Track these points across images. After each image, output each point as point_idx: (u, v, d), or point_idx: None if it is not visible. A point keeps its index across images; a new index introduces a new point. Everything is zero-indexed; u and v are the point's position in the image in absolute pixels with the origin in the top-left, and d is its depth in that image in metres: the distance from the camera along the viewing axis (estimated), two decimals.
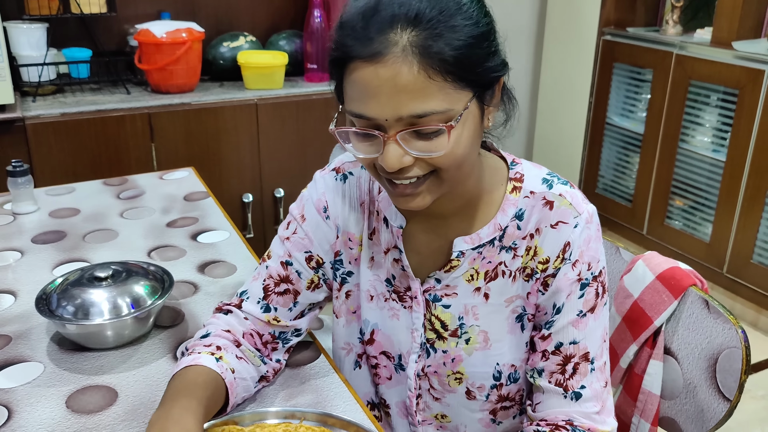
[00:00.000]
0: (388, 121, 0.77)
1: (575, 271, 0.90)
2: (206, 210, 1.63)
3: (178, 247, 1.43)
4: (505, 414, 1.00)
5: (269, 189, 2.60)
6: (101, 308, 1.06)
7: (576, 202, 0.91)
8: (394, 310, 1.00)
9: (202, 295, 1.25)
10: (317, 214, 1.01)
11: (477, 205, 0.93)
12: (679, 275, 1.00)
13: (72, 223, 1.56)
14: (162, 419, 0.80)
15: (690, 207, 2.98)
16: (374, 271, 1.00)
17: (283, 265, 1.02)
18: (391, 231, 0.97)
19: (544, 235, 0.91)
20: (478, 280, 0.94)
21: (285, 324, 1.03)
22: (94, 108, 2.31)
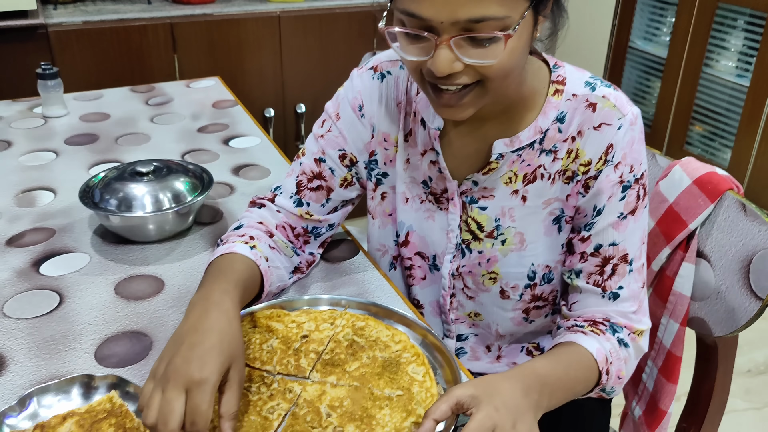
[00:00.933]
0: (443, 24, 0.74)
1: (617, 173, 0.90)
2: (235, 117, 1.63)
3: (211, 151, 1.44)
4: (538, 313, 1.03)
5: (291, 104, 2.59)
6: (143, 202, 1.08)
7: (620, 104, 0.90)
8: (430, 212, 1.01)
9: (239, 195, 1.27)
10: (352, 113, 1.01)
11: (518, 108, 0.92)
12: (716, 180, 1.01)
13: (103, 126, 1.57)
14: (202, 301, 0.80)
15: (710, 133, 2.96)
16: (410, 173, 1.00)
17: (317, 161, 1.03)
18: (429, 133, 0.97)
19: (587, 137, 0.90)
20: (517, 182, 0.94)
21: (317, 218, 1.04)
22: (115, 17, 2.28)
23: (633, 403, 1.16)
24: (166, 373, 0.70)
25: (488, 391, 0.74)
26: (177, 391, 0.68)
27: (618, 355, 0.89)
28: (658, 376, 1.10)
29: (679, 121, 3.04)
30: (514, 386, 0.76)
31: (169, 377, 0.69)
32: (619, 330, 0.91)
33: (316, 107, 2.61)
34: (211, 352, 0.71)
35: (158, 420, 0.68)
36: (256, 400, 0.79)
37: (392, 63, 1.00)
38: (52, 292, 0.99)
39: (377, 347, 0.88)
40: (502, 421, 0.71)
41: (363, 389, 0.81)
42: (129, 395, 0.79)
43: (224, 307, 0.78)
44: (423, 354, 0.87)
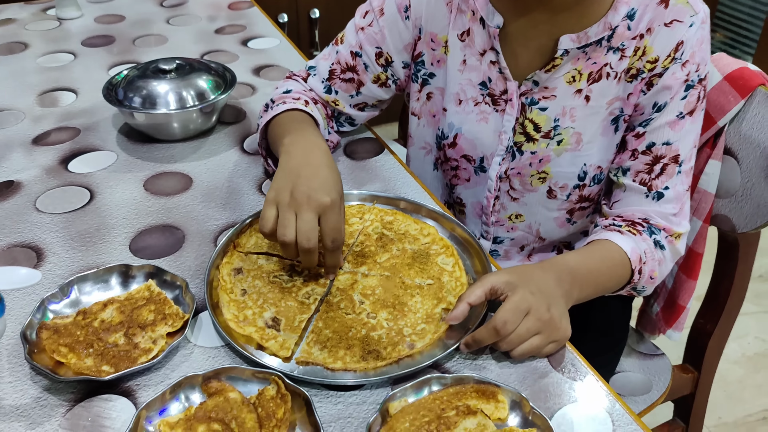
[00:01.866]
0: None
1: (684, 71, 0.88)
2: (252, 19, 1.60)
3: (230, 52, 1.42)
4: (581, 214, 1.03)
5: (305, 9, 2.53)
6: (167, 99, 1.08)
7: (694, 1, 0.87)
8: (484, 114, 0.98)
9: (261, 95, 1.26)
10: (397, 13, 0.98)
11: (588, 2, 0.86)
12: (748, 75, 0.99)
13: (119, 28, 1.54)
14: (301, 141, 0.88)
15: (732, 39, 2.89)
16: (467, 74, 0.98)
17: (353, 55, 1.02)
18: (488, 31, 0.93)
19: (656, 33, 0.87)
20: (581, 81, 0.92)
21: (342, 109, 1.06)
22: None
23: (651, 299, 1.18)
24: (295, 199, 0.77)
25: (523, 277, 0.75)
26: (312, 213, 0.77)
27: (653, 255, 0.90)
28: (678, 273, 1.11)
29: None
30: (548, 275, 0.77)
31: (301, 202, 0.77)
32: (656, 232, 0.91)
33: (330, 12, 2.55)
34: (329, 181, 0.80)
35: (300, 237, 0.76)
36: (290, 287, 0.82)
37: None
38: (83, 188, 1.00)
39: (406, 240, 0.89)
40: (537, 304, 0.72)
41: (394, 278, 0.83)
42: (166, 283, 0.81)
43: (324, 147, 0.87)
44: (452, 245, 0.88)
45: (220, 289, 0.81)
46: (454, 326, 0.76)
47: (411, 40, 1.00)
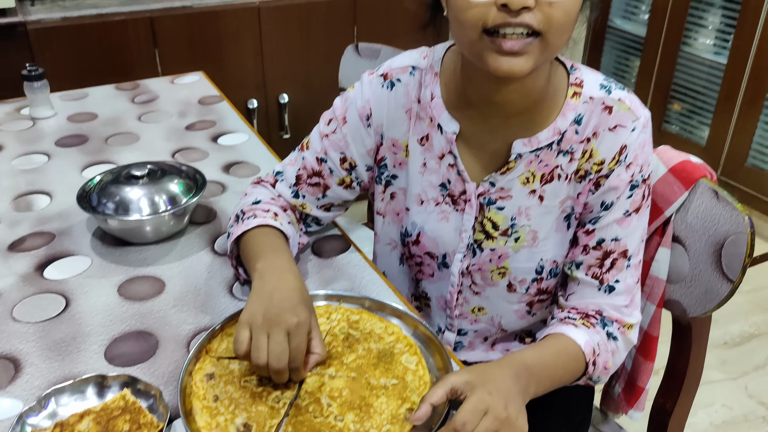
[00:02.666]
0: None
1: (629, 172, 0.94)
2: (222, 113, 1.66)
3: (201, 149, 1.47)
4: (540, 306, 1.08)
5: (273, 95, 2.61)
6: (140, 205, 1.12)
7: (634, 107, 0.94)
8: (445, 213, 1.04)
9: (230, 193, 1.31)
10: (359, 121, 1.04)
11: (539, 108, 0.94)
12: (691, 168, 1.06)
13: (92, 127, 1.59)
14: (275, 267, 0.92)
15: (688, 111, 3.02)
16: (427, 176, 1.03)
17: (318, 160, 1.07)
18: (446, 137, 0.99)
19: (602, 138, 0.94)
20: (534, 182, 0.98)
21: (309, 212, 1.11)
22: (95, 12, 2.28)
23: (613, 381, 1.22)
24: (267, 320, 0.83)
25: (481, 377, 0.79)
26: (282, 335, 0.82)
27: (606, 347, 0.94)
28: (636, 356, 1.16)
29: (658, 99, 3.09)
30: (505, 373, 0.81)
31: (272, 322, 0.83)
32: (609, 324, 0.96)
33: (299, 96, 2.64)
34: (300, 304, 0.86)
35: (271, 359, 0.81)
36: (260, 391, 0.84)
37: (402, 70, 1.02)
38: (58, 295, 1.02)
39: (372, 339, 0.93)
40: (495, 403, 0.76)
41: (360, 379, 0.86)
42: (140, 392, 0.84)
43: (296, 272, 0.93)
44: (415, 344, 0.92)
45: (193, 396, 0.83)
46: (418, 426, 0.79)
47: (373, 146, 1.06)
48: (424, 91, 1.01)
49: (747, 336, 2.29)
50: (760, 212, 2.79)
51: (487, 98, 0.93)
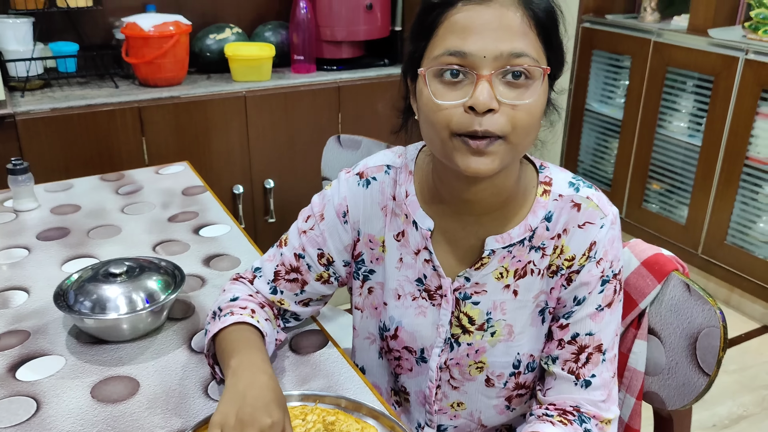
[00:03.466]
0: (485, 58, 0.83)
1: (599, 268, 0.96)
2: (205, 204, 1.68)
3: (182, 242, 1.48)
4: (519, 401, 1.07)
5: (259, 180, 2.64)
6: (117, 303, 1.12)
7: (602, 204, 0.97)
8: (422, 308, 1.05)
9: (210, 287, 1.31)
10: (336, 218, 1.06)
11: (510, 206, 0.97)
12: (663, 261, 1.07)
13: (74, 219, 1.60)
14: (248, 366, 0.93)
15: (667, 191, 3.08)
16: (404, 271, 1.05)
17: (296, 256, 1.09)
18: (421, 233, 1.02)
19: (571, 234, 0.97)
20: (508, 277, 1.00)
21: (287, 307, 1.12)
22: (83, 102, 2.33)
23: None
24: (241, 420, 0.84)
25: None
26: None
27: None
28: None
29: (637, 179, 3.16)
30: None
31: (245, 423, 0.83)
32: (587, 420, 0.96)
33: (284, 182, 2.67)
34: (273, 403, 0.87)
35: None
36: None
37: (378, 168, 1.06)
38: (29, 398, 1.01)
39: None
40: None
41: None
42: None
43: (270, 371, 0.94)
44: None
45: None
46: None
47: (350, 242, 1.08)
48: (398, 188, 1.04)
49: (736, 418, 2.26)
50: (742, 290, 2.81)
51: (459, 196, 0.96)
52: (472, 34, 0.84)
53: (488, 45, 0.83)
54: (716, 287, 2.91)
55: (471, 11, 0.84)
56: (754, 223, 2.72)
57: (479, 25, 0.84)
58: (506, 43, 0.83)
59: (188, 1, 2.80)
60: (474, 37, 0.84)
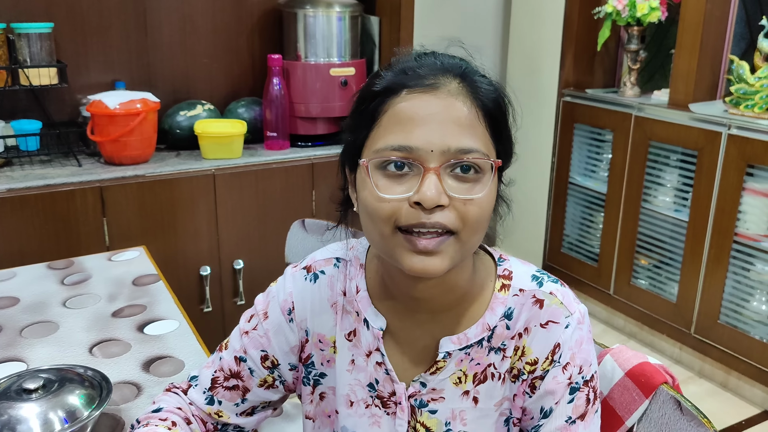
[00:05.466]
0: (433, 152, 0.77)
1: (566, 374, 0.85)
2: (156, 295, 1.55)
3: (123, 341, 1.35)
4: None
5: (228, 261, 2.52)
6: (30, 425, 0.97)
7: (567, 301, 0.87)
8: (376, 417, 0.93)
9: (145, 398, 1.16)
10: (281, 315, 0.96)
11: (466, 303, 0.88)
12: (649, 371, 0.95)
13: (10, 314, 1.46)
14: None
15: (655, 266, 2.97)
16: (355, 375, 0.94)
17: (237, 360, 0.97)
18: (372, 333, 0.91)
19: (533, 334, 0.87)
20: (467, 383, 0.89)
21: (227, 420, 0.99)
22: (43, 182, 2.22)
23: None
24: None
25: None
26: None
27: None
28: None
29: (624, 254, 3.05)
30: None
31: None
32: None
33: (254, 262, 2.55)
34: None
35: None
36: None
37: (326, 262, 0.96)
38: None
39: None
40: None
41: None
42: None
43: None
44: None
45: None
46: None
47: (297, 343, 0.96)
48: (349, 283, 0.94)
49: None
50: (739, 372, 2.66)
51: (408, 294, 0.87)
52: (418, 126, 0.77)
53: (434, 139, 0.77)
54: (712, 369, 2.77)
55: (416, 101, 0.78)
56: (747, 302, 2.60)
57: (425, 116, 0.77)
58: (454, 137, 0.77)
59: (160, 78, 2.74)
60: (420, 129, 0.77)
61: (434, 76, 0.80)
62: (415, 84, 0.79)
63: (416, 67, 0.81)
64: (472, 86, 0.81)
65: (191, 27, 2.74)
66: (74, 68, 2.54)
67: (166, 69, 2.75)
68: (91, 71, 2.62)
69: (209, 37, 2.79)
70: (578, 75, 3.24)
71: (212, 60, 2.81)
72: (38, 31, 2.34)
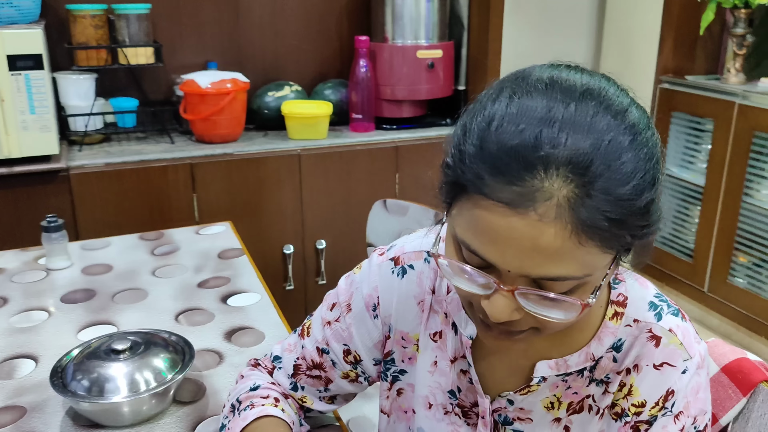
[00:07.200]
0: (510, 273, 0.64)
1: (677, 425, 0.77)
2: (239, 269, 1.58)
3: (207, 311, 1.37)
4: None
5: (311, 240, 2.55)
6: (117, 384, 1.00)
7: (688, 342, 0.78)
8: (455, 426, 0.88)
9: (227, 366, 1.18)
10: (365, 310, 0.91)
11: (570, 328, 0.77)
12: (748, 368, 0.89)
13: (103, 281, 1.52)
14: None
15: (755, 264, 2.80)
16: (436, 377, 0.89)
17: (319, 351, 0.95)
18: (460, 339, 0.85)
19: (644, 374, 0.77)
20: (560, 410, 0.82)
21: (311, 405, 0.98)
22: (138, 158, 2.31)
23: None
24: None
25: None
26: None
27: None
28: None
29: (722, 250, 2.89)
30: None
31: None
32: None
33: (337, 243, 2.57)
34: None
35: None
36: None
37: (417, 255, 0.90)
38: None
39: None
40: None
41: None
42: None
43: None
44: None
45: None
46: None
47: (381, 338, 0.92)
48: (439, 282, 0.88)
49: None
50: None
51: None
52: (494, 243, 0.63)
53: (513, 262, 0.63)
54: None
55: (498, 216, 0.61)
56: None
57: (506, 239, 0.62)
58: (538, 266, 0.62)
59: (250, 59, 2.79)
60: (495, 248, 0.63)
61: (527, 179, 0.60)
62: (500, 193, 0.61)
63: (506, 159, 0.61)
64: (587, 196, 0.60)
65: (281, 9, 2.78)
66: (169, 49, 2.62)
67: (257, 50, 2.79)
68: (185, 52, 2.69)
69: (299, 20, 2.81)
70: (678, 61, 3.09)
71: (301, 42, 2.84)
72: (136, 12, 2.42)
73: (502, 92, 0.66)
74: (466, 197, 0.65)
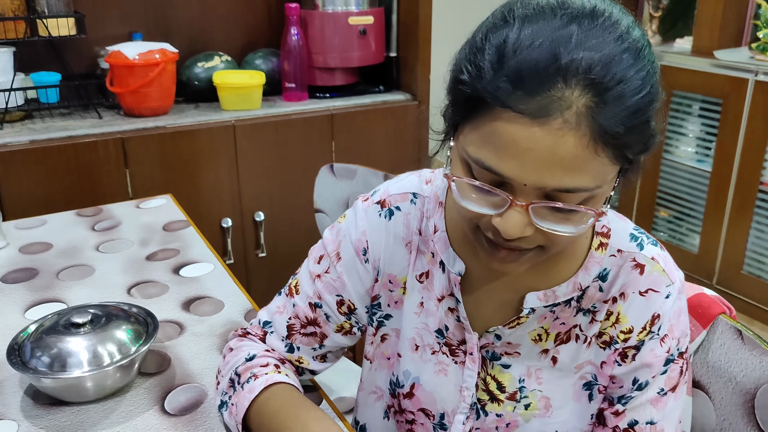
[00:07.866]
0: (526, 187, 0.65)
1: (664, 347, 0.81)
2: (187, 240, 1.54)
3: (160, 283, 1.34)
4: None
5: (249, 213, 2.50)
6: (80, 358, 0.97)
7: (669, 269, 0.82)
8: (443, 365, 0.89)
9: (189, 335, 1.16)
10: (355, 256, 0.91)
11: (557, 259, 0.81)
12: (707, 302, 0.94)
13: (44, 259, 1.46)
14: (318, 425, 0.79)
15: (676, 218, 2.95)
16: (423, 318, 0.90)
17: (312, 306, 0.94)
18: (448, 277, 0.86)
19: (631, 301, 0.81)
20: (547, 341, 0.84)
21: (306, 366, 0.97)
22: (64, 134, 2.20)
23: None
24: None
25: None
26: None
27: None
28: None
29: (645, 206, 3.03)
30: None
31: None
32: None
33: (275, 214, 2.53)
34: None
35: None
36: None
37: (402, 197, 0.90)
38: None
39: None
40: None
41: None
42: None
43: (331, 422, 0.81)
44: None
45: None
46: None
47: (371, 284, 0.92)
48: (426, 222, 0.88)
49: None
50: (762, 323, 2.66)
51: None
52: (513, 157, 0.64)
53: (530, 176, 0.65)
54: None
55: (519, 127, 0.63)
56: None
57: (525, 150, 0.63)
58: (554, 177, 0.65)
59: (176, 29, 2.69)
60: (513, 161, 0.65)
61: (548, 90, 0.62)
62: (522, 105, 0.63)
63: (527, 68, 0.62)
64: (603, 104, 0.63)
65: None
66: (92, 19, 2.49)
67: (183, 20, 2.70)
68: (107, 22, 2.57)
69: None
70: None
71: (229, 10, 2.76)
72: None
73: (512, 13, 0.68)
74: (483, 113, 0.66)
